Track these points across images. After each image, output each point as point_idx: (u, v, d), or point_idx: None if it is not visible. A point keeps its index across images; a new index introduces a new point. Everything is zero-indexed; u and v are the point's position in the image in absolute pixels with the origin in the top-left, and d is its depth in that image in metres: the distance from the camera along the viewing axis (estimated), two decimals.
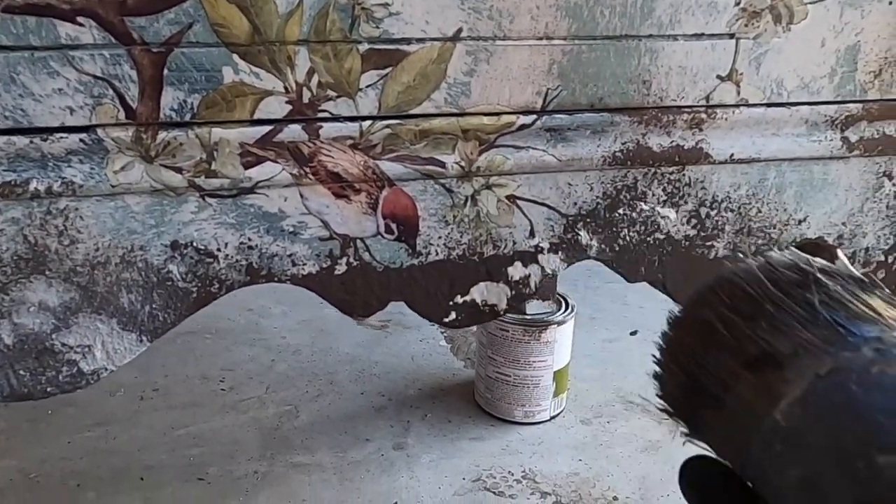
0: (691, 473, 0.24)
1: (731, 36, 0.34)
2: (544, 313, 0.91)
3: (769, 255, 0.24)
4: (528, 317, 0.90)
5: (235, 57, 0.30)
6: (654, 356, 0.27)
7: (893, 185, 0.39)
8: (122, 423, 0.93)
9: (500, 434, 0.95)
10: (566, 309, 0.96)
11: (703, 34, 0.34)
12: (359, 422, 0.97)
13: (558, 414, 0.99)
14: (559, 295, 0.94)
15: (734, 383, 0.23)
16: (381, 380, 1.07)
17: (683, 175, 0.36)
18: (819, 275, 0.23)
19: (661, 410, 0.27)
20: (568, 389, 1.02)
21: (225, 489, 0.83)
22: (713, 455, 0.24)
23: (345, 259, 0.34)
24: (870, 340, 0.21)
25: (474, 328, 1.03)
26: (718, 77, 0.35)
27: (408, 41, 0.31)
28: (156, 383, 1.04)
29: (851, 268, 0.24)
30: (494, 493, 0.84)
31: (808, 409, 0.20)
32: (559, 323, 0.93)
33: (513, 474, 0.87)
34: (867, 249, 0.40)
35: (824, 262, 0.24)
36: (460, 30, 0.32)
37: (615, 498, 0.84)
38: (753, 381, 0.22)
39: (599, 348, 1.15)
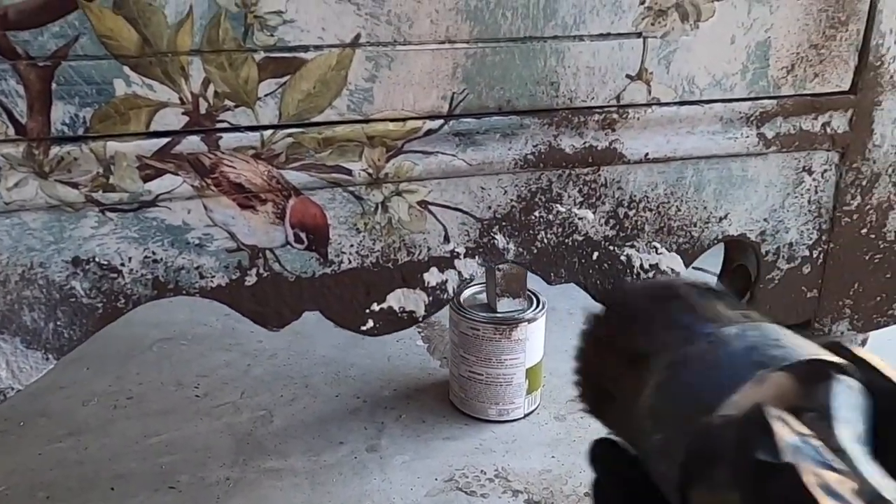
0: (596, 452, 0.30)
1: (639, 35, 0.34)
2: (515, 311, 0.90)
3: (657, 279, 0.32)
4: (499, 315, 0.90)
5: (126, 69, 0.30)
6: (571, 369, 0.33)
7: (813, 179, 0.39)
8: (94, 432, 0.93)
9: (474, 433, 0.95)
10: (537, 306, 0.95)
11: (609, 34, 0.34)
12: (333, 425, 0.97)
13: (533, 411, 0.98)
14: (530, 292, 0.94)
15: (620, 380, 0.29)
16: (357, 381, 1.07)
17: (599, 176, 0.36)
18: (681, 290, 0.30)
19: (582, 410, 0.33)
20: (542, 386, 1.02)
21: (196, 497, 0.83)
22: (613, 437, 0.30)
23: (254, 270, 0.33)
24: (707, 335, 0.27)
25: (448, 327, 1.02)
26: (628, 76, 0.35)
27: (305, 48, 0.31)
28: (130, 391, 1.03)
29: (712, 283, 0.30)
30: (466, 492, 0.84)
31: (662, 391, 0.27)
32: (530, 320, 0.92)
33: (485, 473, 0.87)
34: (791, 245, 0.39)
35: (690, 279, 0.31)
36: (358, 36, 0.31)
37: (587, 494, 0.84)
38: (630, 376, 0.29)
39: (576, 343, 1.14)
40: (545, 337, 1.16)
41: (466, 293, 0.95)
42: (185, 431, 0.93)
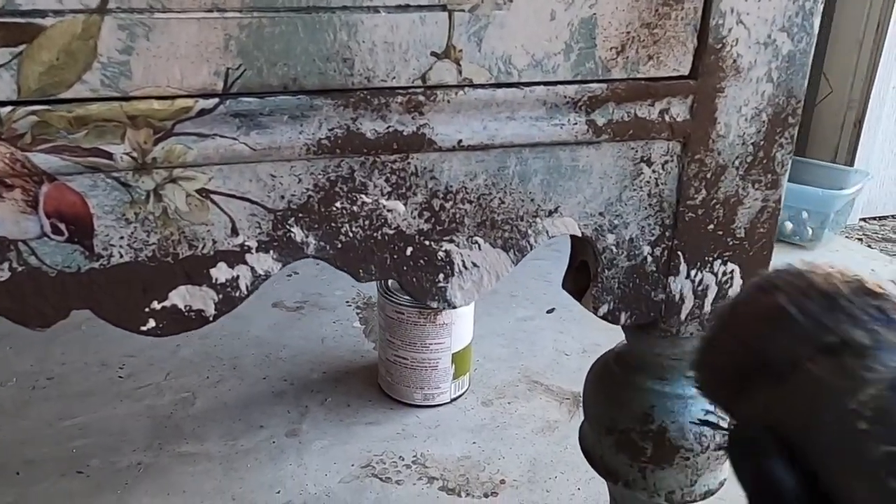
0: (742, 441, 0.27)
1: (443, 7, 0.30)
2: None
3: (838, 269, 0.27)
4: None
5: None
6: (706, 331, 0.30)
7: (653, 171, 0.35)
8: (8, 415, 0.89)
9: (398, 418, 0.93)
10: None
11: (408, 5, 0.30)
12: (255, 408, 0.94)
13: (460, 395, 0.96)
14: None
15: (806, 364, 0.25)
16: (287, 363, 1.04)
17: (408, 164, 0.33)
18: (890, 291, 0.26)
19: (697, 382, 0.30)
20: (472, 370, 1.00)
21: (103, 482, 0.80)
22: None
23: (6, 264, 0.30)
24: None
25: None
26: (434, 54, 0.31)
27: (42, 13, 0.27)
28: (52, 371, 0.99)
29: None
30: (381, 479, 0.82)
31: None
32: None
33: (403, 459, 0.85)
34: (631, 240, 0.36)
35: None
36: (106, 1, 0.27)
37: (502, 481, 0.83)
38: (830, 365, 0.25)
39: (513, 327, 1.13)
40: (482, 320, 1.13)
41: None
42: (103, 414, 0.90)
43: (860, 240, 1.57)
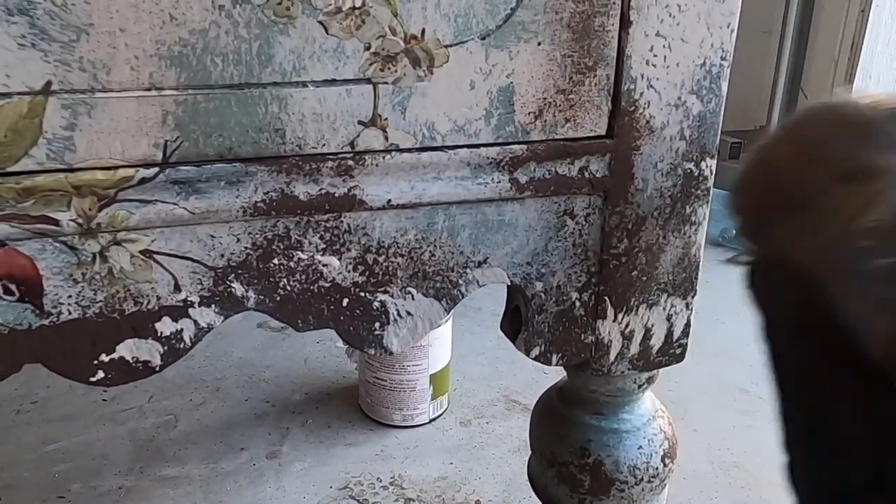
0: (761, 275, 0.29)
1: (368, 80, 0.33)
2: None
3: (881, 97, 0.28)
4: None
5: None
6: (744, 164, 0.31)
7: (577, 223, 0.38)
8: None
9: (377, 439, 0.94)
10: None
11: (335, 80, 0.32)
12: (237, 430, 0.96)
13: (439, 415, 0.98)
14: None
15: (826, 192, 0.26)
16: (269, 385, 1.06)
17: (341, 222, 0.35)
18: None
19: (734, 209, 0.30)
20: (451, 390, 1.01)
21: None
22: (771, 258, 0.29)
23: None
24: None
25: None
26: (361, 123, 0.33)
27: None
28: (36, 395, 1.01)
29: None
30: (359, 500, 0.84)
31: None
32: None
33: (381, 480, 0.86)
34: (559, 287, 0.39)
35: None
36: (49, 83, 0.30)
37: (478, 501, 0.84)
38: (844, 192, 0.26)
39: (495, 346, 1.14)
40: (464, 339, 1.15)
41: None
42: (86, 438, 0.92)
43: None
